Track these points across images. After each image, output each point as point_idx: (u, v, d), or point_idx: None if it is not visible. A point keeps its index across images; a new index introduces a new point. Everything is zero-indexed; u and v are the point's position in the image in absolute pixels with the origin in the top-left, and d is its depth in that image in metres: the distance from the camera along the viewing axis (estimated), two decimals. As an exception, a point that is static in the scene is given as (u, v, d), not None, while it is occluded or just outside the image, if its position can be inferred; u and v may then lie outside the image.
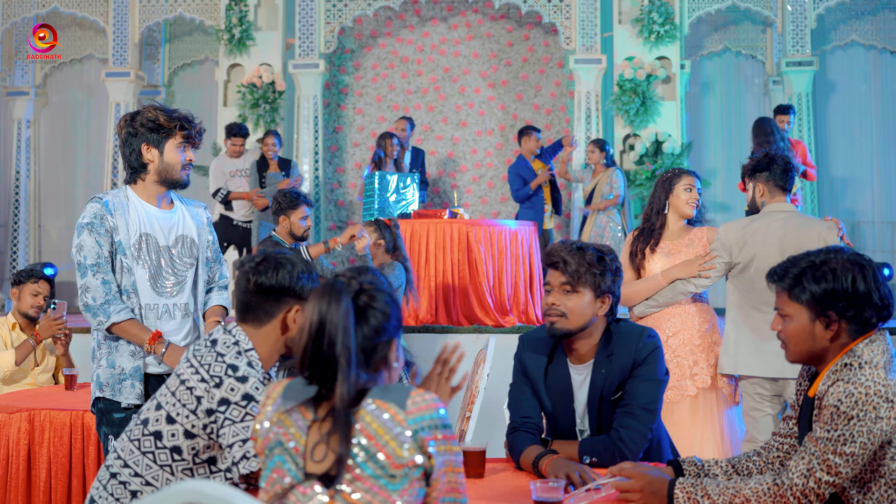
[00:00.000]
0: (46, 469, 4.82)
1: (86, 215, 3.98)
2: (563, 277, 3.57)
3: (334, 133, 13.11)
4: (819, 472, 2.77)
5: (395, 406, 2.34)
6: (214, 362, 3.02)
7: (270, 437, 2.43)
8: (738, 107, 12.79)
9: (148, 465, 3.04)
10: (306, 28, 12.08)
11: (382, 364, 2.45)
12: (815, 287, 2.90)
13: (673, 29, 11.57)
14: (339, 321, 2.37)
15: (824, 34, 12.41)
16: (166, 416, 3.03)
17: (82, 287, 3.93)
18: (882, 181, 12.52)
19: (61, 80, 13.55)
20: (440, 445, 2.35)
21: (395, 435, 2.31)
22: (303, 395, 2.42)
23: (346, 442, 2.32)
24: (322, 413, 2.38)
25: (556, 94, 12.97)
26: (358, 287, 2.44)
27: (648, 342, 3.63)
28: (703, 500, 2.87)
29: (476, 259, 8.54)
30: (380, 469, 2.30)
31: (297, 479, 2.36)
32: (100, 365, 4.00)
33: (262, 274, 3.12)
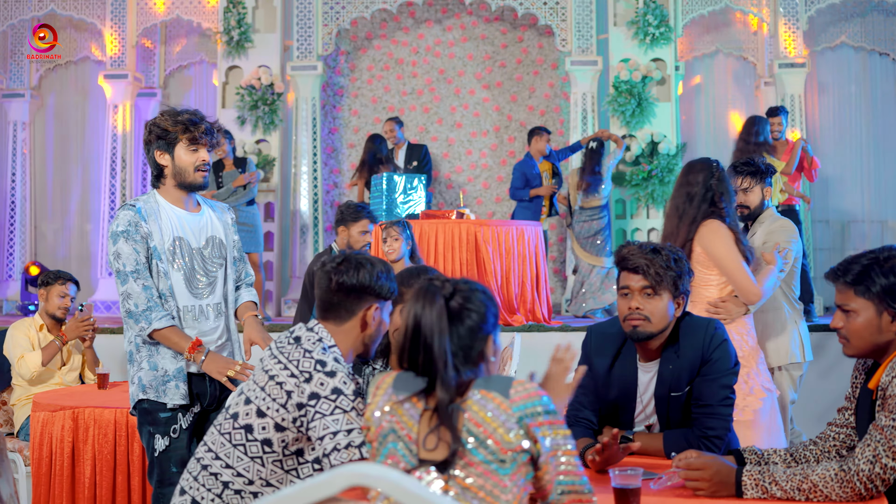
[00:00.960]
0: (91, 466, 4.90)
1: (119, 223, 4.05)
2: (645, 281, 3.62)
3: (330, 134, 13.18)
4: (885, 457, 2.90)
5: (500, 395, 2.47)
6: (303, 358, 3.13)
7: (384, 425, 2.56)
8: (731, 108, 12.95)
9: (239, 456, 3.14)
10: (304, 30, 12.16)
11: (480, 359, 2.58)
12: (884, 280, 3.05)
13: (667, 31, 11.72)
14: (433, 324, 2.51)
15: (814, 36, 12.59)
16: (256, 410, 3.13)
17: (123, 294, 4.02)
18: (872, 181, 12.71)
19: (57, 81, 13.54)
20: (545, 430, 2.47)
21: (501, 422, 2.43)
22: (412, 385, 2.56)
23: (455, 433, 2.44)
24: (432, 403, 2.51)
25: (550, 96, 13.09)
26: (452, 289, 2.58)
27: (716, 335, 3.69)
28: (770, 486, 2.99)
29: (484, 259, 8.65)
30: (490, 454, 2.42)
31: (412, 465, 2.49)
32: (141, 367, 4.08)
33: (344, 273, 3.24)
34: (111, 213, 12.23)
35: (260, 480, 3.14)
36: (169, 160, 4.15)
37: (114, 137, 12.32)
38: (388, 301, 3.36)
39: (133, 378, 4.12)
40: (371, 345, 3.37)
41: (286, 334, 3.29)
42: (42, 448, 4.98)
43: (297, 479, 3.16)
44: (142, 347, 4.08)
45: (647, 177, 11.53)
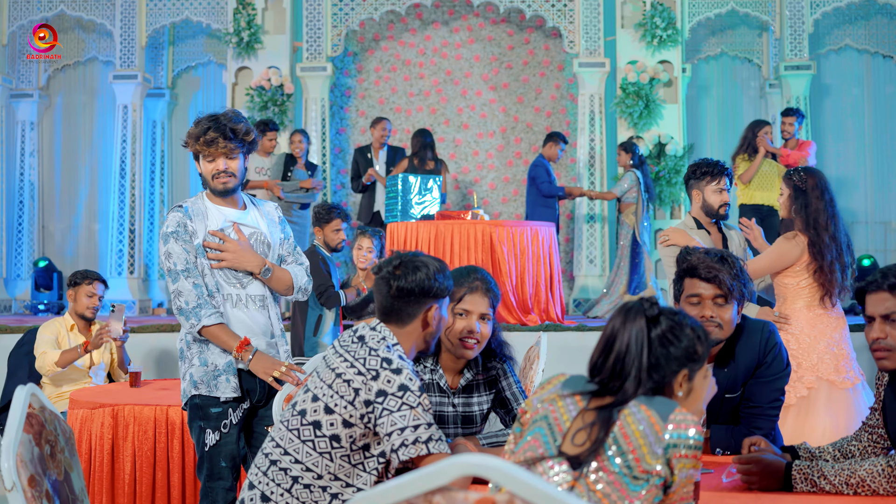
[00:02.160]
0: (131, 463, 4.96)
1: (169, 225, 4.15)
2: (719, 290, 3.68)
3: (338, 135, 13.25)
4: None
5: (658, 416, 2.47)
6: (369, 356, 3.21)
7: (539, 410, 2.62)
8: (735, 110, 13.07)
9: (308, 452, 3.22)
10: (314, 31, 12.24)
11: (665, 392, 2.59)
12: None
13: (675, 33, 11.81)
14: (635, 342, 2.55)
15: (819, 38, 12.71)
16: (324, 406, 3.21)
17: (175, 292, 4.10)
18: (875, 182, 12.84)
19: (65, 82, 13.60)
20: (685, 463, 2.45)
21: (649, 442, 2.44)
22: (582, 387, 2.61)
23: (603, 436, 2.47)
24: (594, 405, 2.55)
25: (557, 97, 13.18)
26: (657, 312, 2.59)
27: (770, 338, 3.79)
28: (819, 480, 3.08)
29: (499, 259, 8.73)
30: (626, 468, 2.44)
31: (550, 453, 2.53)
32: (192, 364, 4.16)
33: (402, 278, 3.31)
34: (120, 212, 12.30)
35: (328, 475, 3.22)
36: (201, 167, 4.29)
37: (123, 138, 12.37)
38: (446, 298, 3.43)
39: (185, 374, 4.20)
40: (432, 342, 3.45)
41: (349, 333, 3.37)
42: (81, 445, 5.03)
43: (363, 473, 3.23)
44: (192, 344, 4.17)
45: (655, 178, 11.62)
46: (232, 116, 4.30)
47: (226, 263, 4.17)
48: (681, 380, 2.61)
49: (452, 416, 3.87)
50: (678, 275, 3.83)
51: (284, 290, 4.39)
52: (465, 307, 3.75)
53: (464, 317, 3.74)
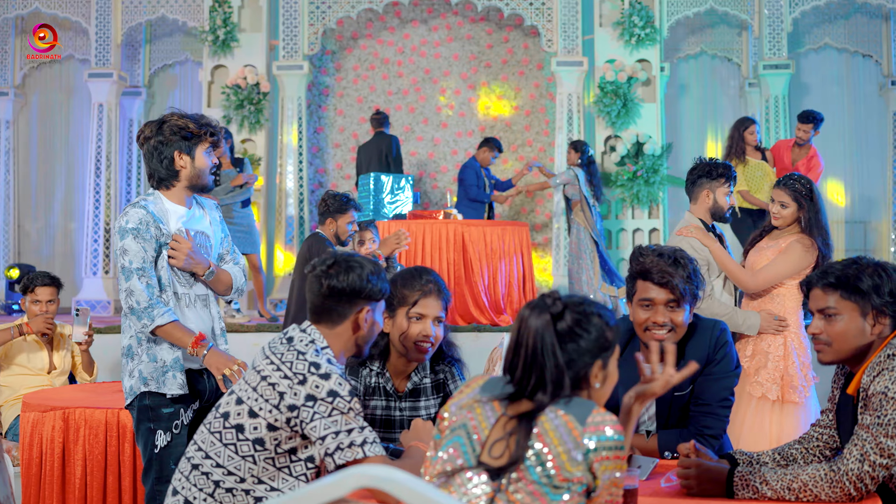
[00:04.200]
0: (82, 467, 4.88)
1: (130, 220, 4.06)
2: (672, 296, 3.62)
3: (316, 134, 13.18)
4: (873, 455, 2.95)
5: (575, 420, 2.41)
6: (296, 360, 3.14)
7: (456, 419, 2.55)
8: (714, 109, 13.05)
9: (230, 455, 3.16)
10: (290, 30, 12.16)
11: (581, 386, 2.53)
12: (869, 282, 3.14)
13: (653, 32, 11.77)
14: (541, 340, 2.47)
15: (799, 37, 12.68)
16: (248, 410, 3.15)
17: (126, 290, 4.03)
18: (854, 181, 12.82)
19: (41, 80, 13.51)
20: (608, 465, 2.39)
21: (567, 449, 2.37)
22: (501, 391, 2.53)
23: (524, 446, 2.40)
24: (512, 411, 2.48)
25: (536, 96, 13.13)
26: (561, 308, 2.52)
27: (720, 336, 3.74)
28: (761, 486, 3.03)
29: (471, 259, 8.68)
30: (545, 477, 2.37)
31: (469, 464, 2.46)
32: (141, 361, 4.09)
33: (334, 277, 3.24)
34: (96, 211, 12.20)
35: (252, 478, 3.15)
36: (188, 161, 4.19)
37: (98, 136, 12.27)
38: (380, 302, 3.36)
39: (132, 372, 4.11)
40: (364, 346, 3.38)
41: (280, 335, 3.30)
42: (32, 449, 4.95)
43: (289, 477, 3.17)
44: (143, 340, 4.10)
45: (633, 177, 11.57)
46: None
47: (176, 263, 4.13)
48: (596, 371, 2.55)
49: (399, 421, 3.81)
50: (631, 275, 3.76)
51: (224, 291, 4.37)
52: (419, 311, 3.69)
53: (419, 321, 3.69)
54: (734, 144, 9.88)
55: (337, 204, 7.14)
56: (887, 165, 12.65)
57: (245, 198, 9.95)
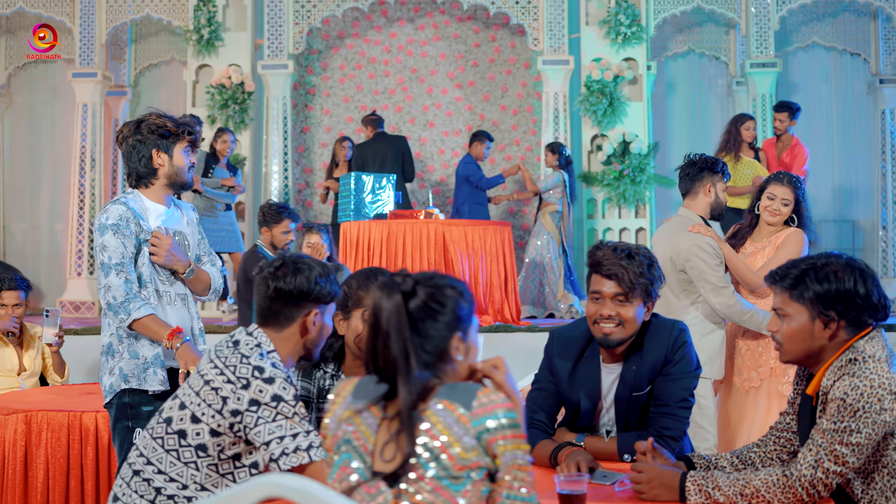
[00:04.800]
0: (44, 470, 4.83)
1: (110, 216, 4.11)
2: (619, 289, 3.57)
3: (302, 134, 13.13)
4: (827, 462, 2.89)
5: (461, 407, 2.35)
6: (240, 364, 3.10)
7: (339, 434, 2.46)
8: (702, 107, 12.99)
9: (172, 462, 3.10)
10: (275, 29, 12.09)
11: (443, 359, 2.45)
12: (818, 287, 3.05)
13: (639, 30, 11.70)
14: (391, 320, 2.39)
15: (786, 36, 12.63)
16: (191, 415, 3.10)
17: (104, 286, 4.05)
18: (842, 180, 12.76)
19: (26, 80, 13.44)
20: (507, 445, 2.34)
21: (458, 437, 2.33)
22: (373, 392, 2.46)
23: (412, 442, 2.34)
24: (391, 412, 2.41)
25: (523, 95, 13.08)
26: (412, 284, 2.45)
27: (679, 336, 3.69)
28: (714, 491, 2.97)
29: (452, 259, 8.62)
30: (443, 470, 2.32)
31: (364, 477, 2.39)
32: (122, 358, 4.10)
33: (281, 279, 3.19)
34: (80, 212, 12.12)
35: (195, 485, 3.10)
36: (166, 160, 4.25)
37: (83, 136, 12.20)
38: (330, 304, 3.30)
39: (112, 369, 4.12)
40: (313, 349, 3.32)
41: (227, 338, 3.24)
42: (-6, 452, 4.92)
43: (232, 484, 3.11)
44: (123, 338, 4.11)
45: (619, 176, 11.51)
46: None
47: (157, 259, 4.16)
48: (456, 343, 2.47)
49: (355, 424, 3.74)
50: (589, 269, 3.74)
51: (202, 291, 4.41)
52: None
53: None
54: (731, 140, 9.82)
55: (272, 213, 7.27)
56: (875, 164, 12.58)
57: (227, 201, 9.98)
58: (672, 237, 5.52)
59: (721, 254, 5.36)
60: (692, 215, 5.53)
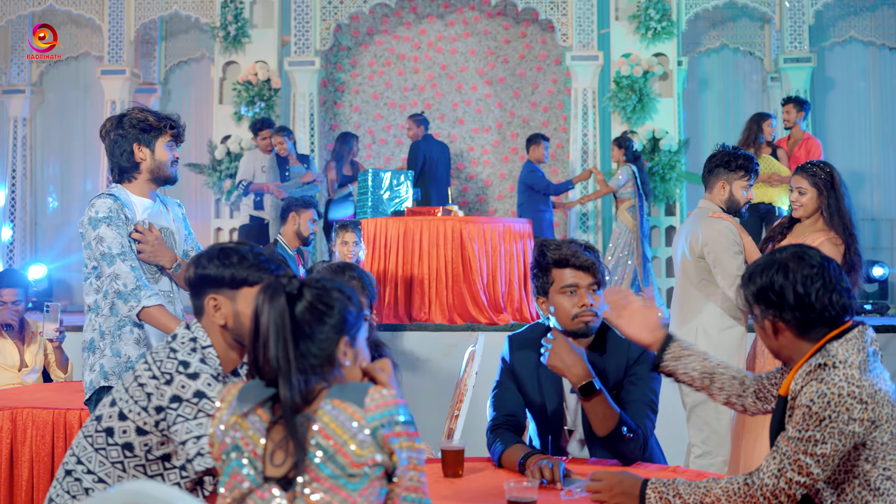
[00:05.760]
0: (29, 468, 4.79)
1: (99, 210, 4.09)
2: (593, 278, 3.63)
3: (331, 131, 13.06)
4: (790, 472, 2.72)
5: (353, 405, 2.29)
6: (167, 359, 2.98)
7: (227, 441, 2.37)
8: (737, 104, 12.72)
9: (101, 461, 3.00)
10: (302, 25, 12.04)
11: (330, 363, 2.38)
12: (752, 285, 2.89)
13: (670, 25, 11.51)
14: (275, 325, 2.33)
15: (823, 30, 12.36)
16: (119, 412, 3.00)
17: (111, 275, 4.01)
18: (882, 178, 12.46)
19: (57, 77, 13.49)
20: (402, 442, 2.30)
21: (353, 434, 2.26)
22: (260, 396, 2.37)
23: (302, 446, 2.28)
24: (279, 414, 2.34)
25: (554, 92, 12.92)
26: (298, 287, 2.38)
27: None
28: (674, 499, 2.82)
29: (470, 256, 8.48)
30: (338, 469, 2.26)
31: (256, 484, 2.31)
32: (104, 355, 4.06)
33: (189, 268, 3.08)
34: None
35: None
36: (148, 154, 4.23)
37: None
38: (240, 290, 3.04)
39: (93, 366, 4.09)
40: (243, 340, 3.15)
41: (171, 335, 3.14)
42: (-20, 449, 4.88)
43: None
44: (106, 335, 4.08)
45: (649, 173, 11.31)
46: None
47: (143, 256, 4.13)
48: (343, 348, 2.40)
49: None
50: (541, 268, 3.70)
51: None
52: None
53: None
54: (752, 136, 9.68)
55: (300, 200, 7.11)
56: (916, 161, 12.32)
57: (311, 194, 9.89)
58: (691, 226, 5.51)
59: (741, 242, 5.24)
60: (711, 206, 5.48)
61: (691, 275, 5.43)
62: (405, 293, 8.49)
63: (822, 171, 5.20)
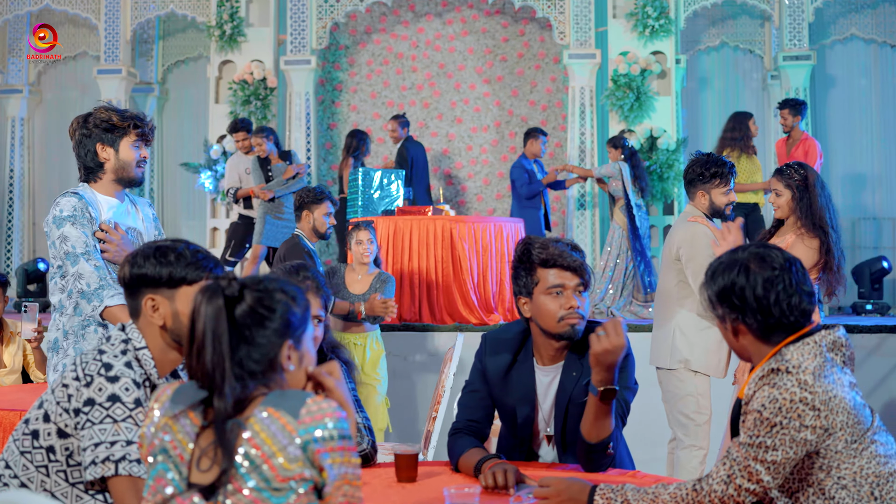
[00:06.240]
0: None
1: (63, 208, 4.07)
2: (580, 279, 3.50)
3: (329, 130, 13.00)
4: (739, 478, 2.63)
5: (288, 415, 2.19)
6: (92, 360, 2.87)
7: (155, 443, 2.28)
8: (737, 102, 12.58)
9: (25, 465, 2.88)
10: (298, 24, 11.98)
11: (272, 368, 2.29)
12: (712, 284, 2.81)
13: (668, 23, 11.42)
14: (210, 329, 2.23)
15: (824, 28, 12.24)
16: (44, 414, 2.89)
17: (75, 275, 3.98)
18: (883, 176, 12.34)
19: (55, 77, 13.48)
20: (335, 458, 2.19)
21: (282, 446, 2.17)
22: (193, 398, 2.28)
23: (229, 454, 2.18)
24: (211, 419, 2.25)
25: (553, 90, 12.83)
26: (238, 288, 2.28)
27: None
28: None
29: (460, 256, 8.42)
30: (263, 482, 2.16)
31: (179, 490, 2.22)
32: (66, 354, 4.03)
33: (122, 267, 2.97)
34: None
35: (44, 493, 2.86)
36: (112, 154, 4.20)
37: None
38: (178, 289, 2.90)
39: (56, 366, 4.06)
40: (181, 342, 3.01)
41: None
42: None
43: (84, 495, 2.88)
44: (69, 334, 4.05)
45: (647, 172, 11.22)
46: None
47: (107, 255, 4.09)
48: (287, 352, 2.31)
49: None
50: (525, 267, 3.55)
51: None
52: None
53: None
54: (743, 137, 9.69)
55: (311, 195, 6.96)
56: (917, 159, 12.19)
57: (299, 188, 9.74)
58: (672, 230, 5.64)
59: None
60: (695, 211, 5.56)
61: (670, 277, 5.52)
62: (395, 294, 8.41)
63: (797, 172, 5.33)
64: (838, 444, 2.63)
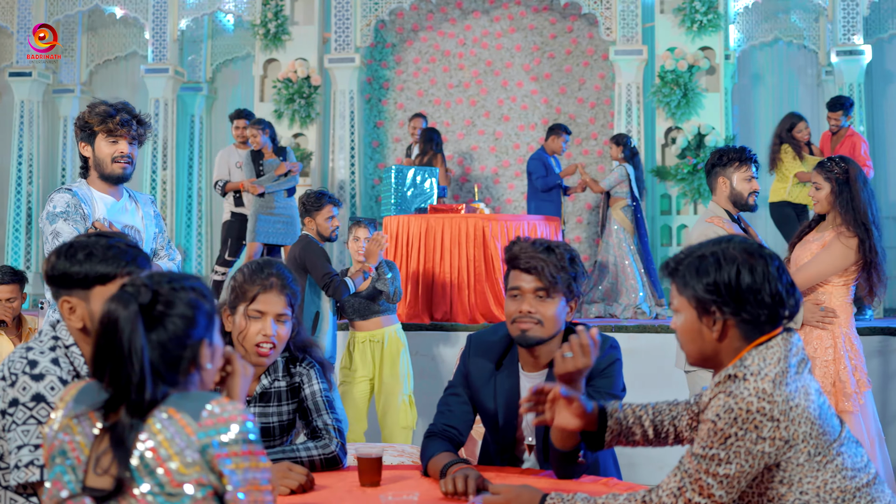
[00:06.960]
0: None
1: (57, 205, 4.11)
2: (539, 283, 3.31)
3: (375, 128, 12.93)
4: (690, 492, 2.45)
5: (188, 416, 2.09)
6: (18, 358, 2.75)
7: (55, 444, 2.20)
8: (790, 98, 12.29)
9: None
10: (342, 22, 11.94)
11: (191, 368, 2.21)
12: (696, 280, 2.55)
13: (717, 18, 11.18)
14: (126, 338, 2.13)
15: (881, 22, 11.88)
16: None
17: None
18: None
19: (106, 77, 13.60)
20: (238, 462, 2.08)
21: (180, 449, 2.07)
22: (96, 399, 2.19)
23: (126, 458, 2.09)
24: (112, 421, 2.15)
25: (601, 87, 12.62)
26: (151, 292, 2.19)
27: (609, 353, 3.40)
28: None
29: (492, 255, 8.30)
30: (157, 486, 2.06)
31: (74, 492, 2.14)
32: None
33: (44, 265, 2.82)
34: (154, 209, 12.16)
35: None
36: (91, 151, 4.28)
37: (155, 133, 12.26)
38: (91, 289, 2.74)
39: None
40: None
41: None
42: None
43: (18, 497, 2.74)
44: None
45: (693, 171, 11.00)
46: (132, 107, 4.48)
47: None
48: (205, 351, 2.22)
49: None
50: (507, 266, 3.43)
51: None
52: (258, 308, 3.33)
53: (258, 319, 3.33)
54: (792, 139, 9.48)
55: (311, 201, 6.95)
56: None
57: (290, 186, 9.69)
58: (692, 229, 5.54)
59: None
60: (716, 209, 5.35)
61: None
62: (426, 292, 8.33)
63: (838, 165, 5.12)
64: (800, 456, 2.44)
